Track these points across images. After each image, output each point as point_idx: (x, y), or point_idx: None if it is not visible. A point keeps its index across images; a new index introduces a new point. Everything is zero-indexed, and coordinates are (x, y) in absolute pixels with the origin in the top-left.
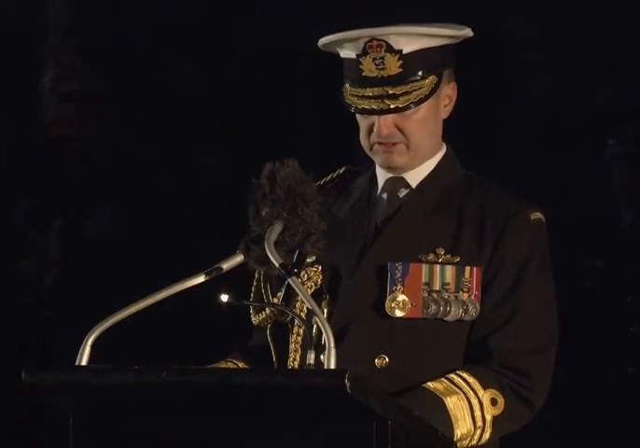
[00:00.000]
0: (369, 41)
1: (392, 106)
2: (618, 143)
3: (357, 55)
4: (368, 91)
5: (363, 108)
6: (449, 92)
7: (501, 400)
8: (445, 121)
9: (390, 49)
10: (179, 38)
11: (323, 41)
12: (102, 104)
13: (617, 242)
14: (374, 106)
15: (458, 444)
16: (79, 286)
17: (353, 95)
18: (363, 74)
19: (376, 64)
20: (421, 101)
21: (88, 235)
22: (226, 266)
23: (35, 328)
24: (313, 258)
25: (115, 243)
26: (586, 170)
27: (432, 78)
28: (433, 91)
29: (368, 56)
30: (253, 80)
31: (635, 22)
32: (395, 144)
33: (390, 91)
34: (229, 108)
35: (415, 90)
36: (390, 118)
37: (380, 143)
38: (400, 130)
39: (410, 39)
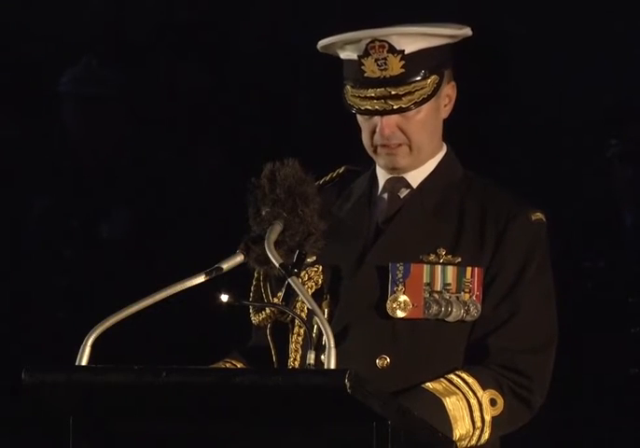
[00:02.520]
0: (371, 42)
1: (395, 107)
2: (620, 143)
3: (359, 56)
4: (371, 92)
5: (366, 109)
6: (449, 92)
7: (500, 401)
8: (445, 121)
9: (392, 50)
10: (181, 39)
11: (323, 43)
12: (114, 106)
13: (618, 242)
14: (377, 107)
15: (457, 444)
16: (92, 286)
17: (354, 96)
18: (365, 75)
19: (378, 65)
20: (424, 101)
21: (102, 237)
22: (226, 266)
23: (46, 328)
24: (314, 258)
25: (128, 244)
26: (588, 170)
27: (434, 78)
28: (435, 91)
29: (370, 57)
30: (253, 80)
31: (637, 22)
32: (397, 145)
33: (392, 92)
34: (230, 108)
35: (418, 90)
36: (392, 119)
37: (383, 145)
38: (402, 131)
39: (411, 39)
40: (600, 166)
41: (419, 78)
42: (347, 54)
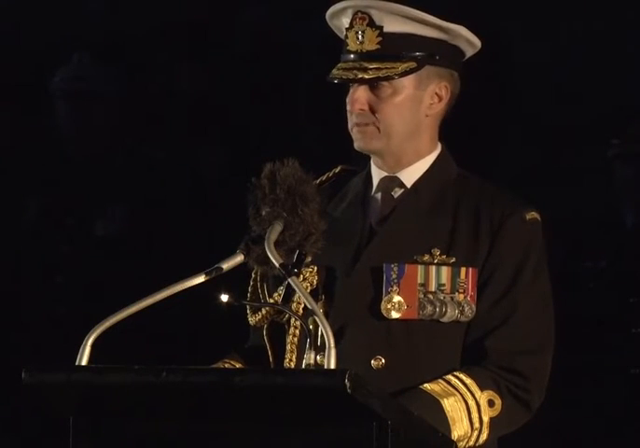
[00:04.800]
0: (356, 13)
1: (359, 76)
2: (621, 142)
3: (346, 29)
4: (345, 64)
5: (333, 77)
6: (437, 91)
7: (498, 402)
8: (443, 121)
9: (371, 24)
10: (179, 38)
11: (327, 16)
12: (108, 103)
13: (620, 242)
14: (342, 76)
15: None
16: (88, 285)
17: (335, 68)
18: (347, 47)
19: (357, 38)
20: (388, 78)
21: (97, 234)
22: (226, 266)
23: (43, 327)
24: (309, 258)
25: (124, 242)
26: (589, 170)
27: (410, 64)
28: (404, 74)
29: (352, 29)
30: (253, 80)
31: (636, 21)
32: (367, 125)
33: (364, 65)
34: (229, 108)
35: (387, 68)
36: (364, 94)
37: (356, 125)
38: (373, 110)
39: (393, 19)
40: (600, 166)
41: (392, 59)
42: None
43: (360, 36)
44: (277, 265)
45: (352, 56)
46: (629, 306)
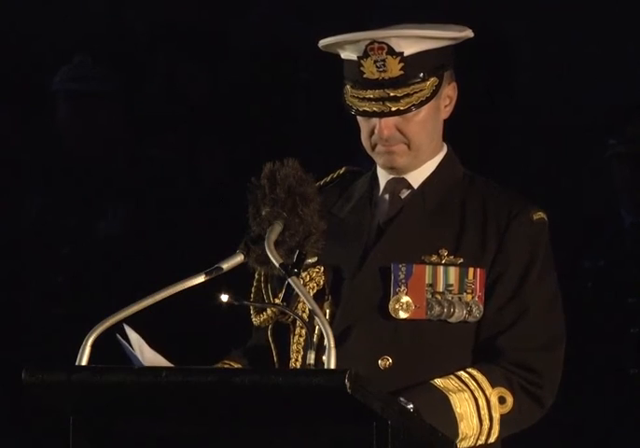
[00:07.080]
0: (371, 43)
1: (393, 109)
2: (618, 142)
3: (358, 57)
4: (369, 93)
5: (364, 111)
6: (449, 93)
7: (510, 399)
8: (446, 121)
9: (391, 52)
10: (179, 38)
11: (324, 42)
12: (108, 103)
13: (618, 242)
14: (375, 109)
15: (464, 443)
16: (89, 285)
17: (353, 97)
18: (364, 76)
19: (377, 67)
20: (422, 103)
21: (98, 235)
22: (226, 266)
23: (43, 327)
24: (315, 258)
25: (124, 242)
26: (587, 169)
27: (433, 80)
28: (434, 93)
29: (369, 58)
30: (253, 80)
31: (636, 21)
32: (395, 145)
33: (391, 94)
34: (229, 108)
35: (416, 92)
36: (391, 120)
37: (384, 146)
38: (401, 131)
39: (411, 42)
40: (599, 166)
41: (418, 80)
42: (347, 54)
43: (381, 65)
44: (277, 265)
45: (372, 84)
46: (628, 306)
